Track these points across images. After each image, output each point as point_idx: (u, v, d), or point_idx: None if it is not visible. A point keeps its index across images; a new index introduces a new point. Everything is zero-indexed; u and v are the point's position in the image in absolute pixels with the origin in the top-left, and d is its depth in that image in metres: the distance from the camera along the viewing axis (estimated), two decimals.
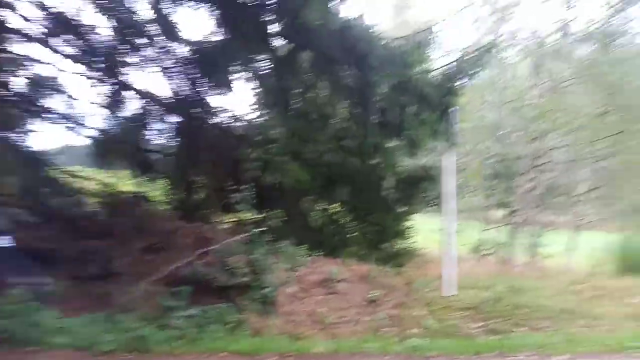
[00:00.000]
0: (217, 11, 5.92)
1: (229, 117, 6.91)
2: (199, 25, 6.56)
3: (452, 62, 6.75)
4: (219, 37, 6.14)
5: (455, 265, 5.92)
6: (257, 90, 7.22)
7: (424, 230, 8.83)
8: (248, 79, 6.66)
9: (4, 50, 6.02)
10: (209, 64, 6.14)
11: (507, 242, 9.79)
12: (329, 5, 6.03)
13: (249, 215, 5.34)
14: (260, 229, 4.88)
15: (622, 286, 7.32)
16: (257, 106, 7.52)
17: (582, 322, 5.47)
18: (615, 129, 7.85)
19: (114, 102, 6.67)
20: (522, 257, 10.41)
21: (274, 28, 6.09)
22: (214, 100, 6.80)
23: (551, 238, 11.53)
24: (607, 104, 7.67)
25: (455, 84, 6.53)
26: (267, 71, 6.52)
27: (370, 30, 6.54)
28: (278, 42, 6.24)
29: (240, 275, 4.42)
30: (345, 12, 6.31)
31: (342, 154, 6.69)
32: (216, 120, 6.87)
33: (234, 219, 6.22)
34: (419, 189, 7.34)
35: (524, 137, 8.63)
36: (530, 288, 6.83)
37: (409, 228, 7.57)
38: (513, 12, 8.85)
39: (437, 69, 6.82)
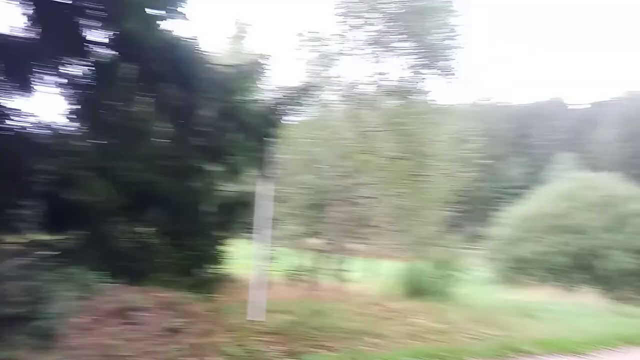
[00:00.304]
0: (31, 7, 5.28)
1: (29, 122, 6.08)
2: (10, 18, 5.74)
3: (276, 96, 7.14)
4: (29, 35, 5.46)
5: (263, 290, 6.10)
6: (69, 98, 6.53)
7: (242, 256, 8.94)
8: (60, 85, 6.01)
9: None
10: (12, 62, 5.39)
11: (317, 268, 10.50)
12: (155, 20, 5.88)
13: (39, 235, 4.70)
14: (51, 252, 4.31)
15: (407, 308, 8.45)
16: (66, 115, 6.77)
17: (370, 340, 6.12)
18: (409, 172, 9.23)
19: None
20: (329, 282, 11.26)
21: (96, 34, 5.70)
22: (13, 102, 5.95)
23: (355, 265, 12.75)
24: (405, 150, 8.98)
25: (277, 117, 6.89)
26: (83, 79, 6.00)
27: (199, 52, 6.55)
28: (101, 49, 5.82)
29: (15, 305, 3.82)
30: (178, 30, 6.23)
31: (158, 174, 6.41)
32: (10, 124, 5.97)
33: (20, 240, 5.40)
34: (236, 214, 7.41)
35: (337, 173, 9.51)
36: (331, 311, 7.41)
37: (224, 253, 7.54)
38: (337, 59, 9.79)
39: (262, 100, 7.13)
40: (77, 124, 6.71)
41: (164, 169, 6.54)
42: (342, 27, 8.99)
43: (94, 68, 5.97)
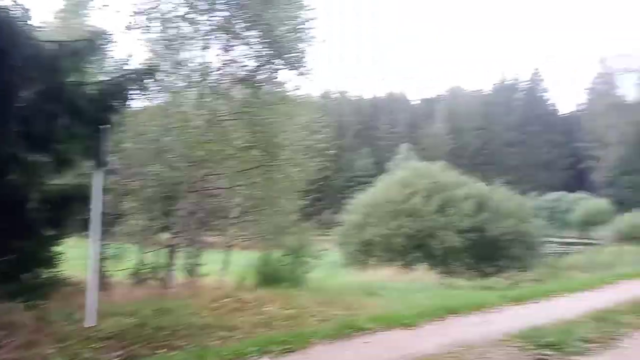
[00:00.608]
0: None
1: None
2: None
3: (115, 79, 6.52)
4: None
5: (101, 292, 5.59)
6: None
7: (82, 256, 8.09)
8: None
9: None
10: None
11: (167, 264, 9.98)
12: None
13: None
14: None
15: (260, 297, 8.51)
16: None
17: (220, 334, 6.01)
18: (260, 162, 9.26)
19: None
20: (180, 278, 10.80)
21: None
22: None
23: (209, 257, 12.45)
24: (255, 140, 8.97)
25: (117, 102, 6.30)
26: None
27: (19, 24, 5.66)
28: None
29: None
30: None
31: None
32: None
33: None
34: (69, 210, 6.62)
35: (187, 163, 9.11)
36: (180, 308, 7.11)
37: (57, 254, 6.71)
38: (185, 44, 9.30)
39: (98, 82, 6.44)
40: None
41: None
42: (187, 10, 8.57)
43: None
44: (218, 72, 9.34)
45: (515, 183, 59.82)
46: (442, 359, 4.29)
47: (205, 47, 9.14)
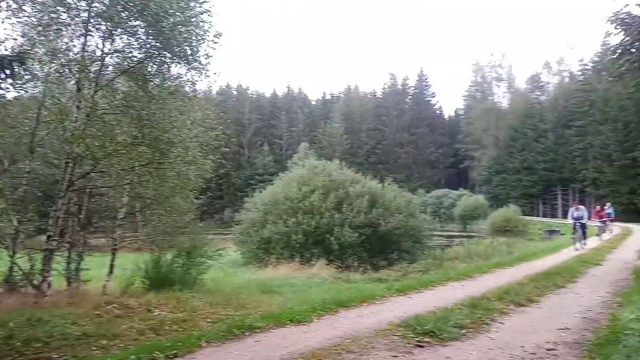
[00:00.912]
0: None
1: None
2: None
3: None
4: None
5: None
6: None
7: None
8: None
9: None
10: None
11: (43, 269, 9.06)
12: None
13: None
14: None
15: (149, 302, 8.11)
16: None
17: (101, 343, 5.63)
18: (149, 159, 8.75)
19: None
20: (59, 285, 9.89)
21: None
22: None
23: (93, 262, 11.55)
24: (143, 136, 8.44)
25: None
26: None
27: None
28: None
29: None
30: None
31: None
32: None
33: None
34: None
35: (66, 160, 8.33)
36: (55, 317, 6.54)
37: None
38: (62, 30, 8.45)
39: None
40: None
41: None
42: None
43: None
44: (99, 62, 8.63)
45: (405, 181, 63.94)
46: (328, 352, 4.42)
47: (84, 35, 8.39)
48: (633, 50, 10.53)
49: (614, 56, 11.29)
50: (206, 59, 8.94)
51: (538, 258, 14.17)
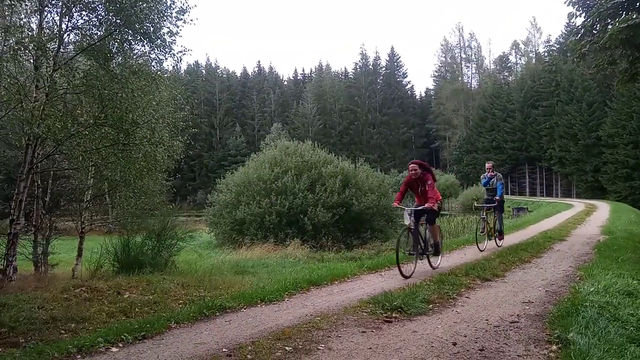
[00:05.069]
0: None
1: None
2: None
3: None
4: None
5: None
6: None
7: None
8: None
9: None
10: None
11: (7, 254, 8.82)
12: None
13: None
14: None
15: (119, 284, 8.00)
16: None
17: (69, 326, 5.55)
18: (114, 140, 8.51)
19: None
20: (26, 269, 9.67)
21: None
22: None
23: (62, 245, 11.29)
24: (107, 117, 8.19)
25: None
26: None
27: None
28: None
29: None
30: None
31: None
32: None
33: None
34: None
35: (26, 141, 8.02)
36: (20, 301, 6.41)
37: None
38: (14, 5, 8.01)
39: None
40: None
41: None
42: None
43: None
44: (57, 40, 8.27)
45: (378, 161, 64.41)
46: (298, 330, 4.47)
47: (40, 11, 8.01)
48: (594, 31, 10.77)
49: (576, 37, 11.53)
50: (170, 36, 8.71)
51: (505, 234, 14.61)
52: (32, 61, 8.04)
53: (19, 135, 8.45)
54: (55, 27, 8.30)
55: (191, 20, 8.96)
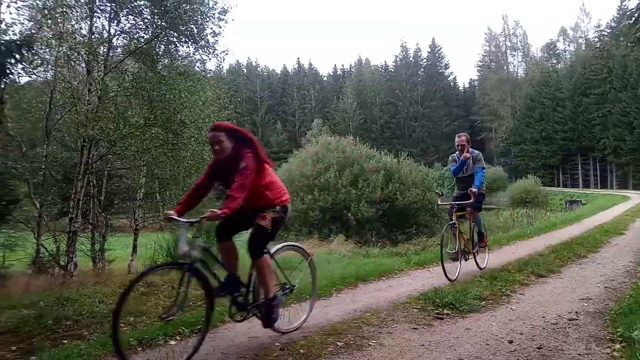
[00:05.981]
0: None
1: None
2: None
3: None
4: None
5: None
6: None
7: None
8: None
9: None
10: None
11: (68, 250, 9.31)
12: None
13: None
14: None
15: (171, 279, 8.24)
16: None
17: (128, 320, 5.76)
18: (163, 140, 8.81)
19: None
20: (87, 265, 10.16)
21: None
22: None
23: (117, 242, 11.79)
24: (156, 117, 8.48)
25: None
26: None
27: None
28: None
29: None
30: None
31: None
32: None
33: None
34: None
35: (82, 143, 8.43)
36: (82, 296, 6.71)
37: None
38: (66, 12, 8.41)
39: None
40: None
41: None
42: None
43: None
44: (107, 44, 8.62)
45: (421, 155, 63.32)
46: (348, 326, 4.47)
47: (90, 17, 8.36)
48: None
49: (630, 21, 10.87)
50: (213, 37, 8.89)
51: (559, 228, 14.03)
52: (84, 65, 8.41)
53: (74, 137, 8.88)
54: (105, 31, 8.67)
55: (232, 19, 9.11)
